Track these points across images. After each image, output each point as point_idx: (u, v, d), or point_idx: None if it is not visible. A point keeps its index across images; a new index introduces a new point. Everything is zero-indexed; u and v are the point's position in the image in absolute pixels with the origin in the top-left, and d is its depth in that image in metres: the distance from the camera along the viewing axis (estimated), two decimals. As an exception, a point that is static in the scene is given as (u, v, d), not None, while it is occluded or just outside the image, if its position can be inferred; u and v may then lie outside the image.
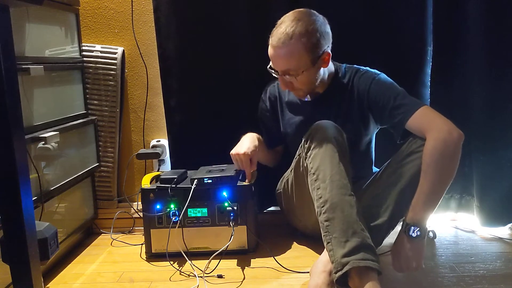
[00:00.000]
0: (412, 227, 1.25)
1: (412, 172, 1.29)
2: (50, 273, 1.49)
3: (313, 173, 1.31)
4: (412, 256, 1.26)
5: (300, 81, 1.44)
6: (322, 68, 1.46)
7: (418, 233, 1.25)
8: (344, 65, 1.56)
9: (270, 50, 1.43)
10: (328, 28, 1.45)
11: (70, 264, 1.57)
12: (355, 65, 1.55)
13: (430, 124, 1.30)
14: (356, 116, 1.50)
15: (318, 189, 1.28)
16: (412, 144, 1.33)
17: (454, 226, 1.78)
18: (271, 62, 1.46)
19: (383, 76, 1.47)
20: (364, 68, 1.52)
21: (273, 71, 1.47)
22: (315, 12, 1.45)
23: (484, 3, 1.58)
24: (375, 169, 1.60)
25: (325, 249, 1.27)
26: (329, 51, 1.44)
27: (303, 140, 1.39)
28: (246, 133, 1.70)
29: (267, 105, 1.68)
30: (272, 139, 1.71)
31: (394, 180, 1.33)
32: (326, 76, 1.51)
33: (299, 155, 1.47)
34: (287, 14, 1.43)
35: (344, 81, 1.52)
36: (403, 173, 1.31)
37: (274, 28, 1.42)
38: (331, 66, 1.53)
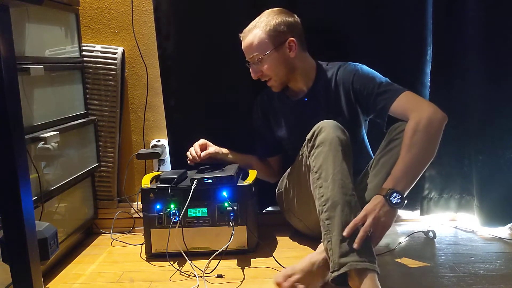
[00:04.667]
0: (395, 193, 1.24)
1: (393, 161, 1.31)
2: (50, 273, 1.49)
3: (316, 172, 1.31)
4: (383, 221, 1.23)
5: (267, 67, 1.51)
6: (291, 57, 1.51)
7: (399, 200, 1.24)
8: (327, 62, 1.59)
9: (242, 44, 1.55)
10: (297, 24, 1.54)
11: (70, 264, 1.57)
12: (338, 62, 1.57)
13: (414, 106, 1.33)
14: (344, 109, 1.52)
15: (320, 187, 1.28)
16: (392, 131, 1.37)
17: (454, 226, 1.78)
18: None
19: (365, 67, 1.51)
20: (346, 62, 1.55)
21: (247, 64, 1.55)
22: (288, 11, 1.54)
23: (484, 3, 1.58)
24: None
25: (319, 246, 1.28)
26: (294, 40, 1.50)
27: (306, 139, 1.39)
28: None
29: (259, 114, 1.71)
30: (266, 148, 1.74)
31: (378, 170, 1.35)
32: (306, 71, 1.55)
33: (301, 154, 1.47)
34: None
35: (328, 77, 1.54)
36: (384, 163, 1.34)
37: None
38: (311, 61, 1.58)
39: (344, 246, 1.18)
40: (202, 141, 1.68)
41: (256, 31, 1.50)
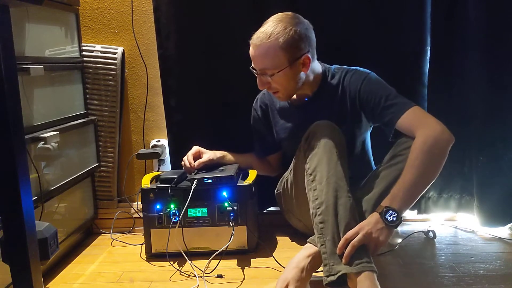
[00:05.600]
0: (390, 211, 1.21)
1: (392, 177, 1.29)
2: (50, 273, 1.49)
3: (310, 174, 1.31)
4: (375, 237, 1.20)
5: (277, 81, 1.43)
6: (302, 72, 1.44)
7: (394, 218, 1.21)
8: (333, 66, 1.55)
9: (250, 49, 1.44)
10: (311, 33, 1.44)
11: (70, 264, 1.57)
12: (344, 66, 1.54)
13: (422, 122, 1.30)
14: (349, 116, 1.49)
15: (314, 190, 1.28)
16: (398, 146, 1.34)
17: (454, 226, 1.78)
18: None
19: (373, 75, 1.47)
20: (354, 67, 1.51)
21: (254, 70, 1.47)
22: (300, 16, 1.45)
23: (483, 3, 1.58)
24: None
25: (304, 246, 1.29)
26: (310, 56, 1.43)
27: (302, 140, 1.39)
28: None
29: (259, 113, 1.69)
30: (265, 147, 1.73)
31: (376, 183, 1.34)
32: (312, 78, 1.49)
33: (298, 155, 1.47)
34: (272, 16, 1.44)
35: (334, 82, 1.51)
36: (383, 177, 1.32)
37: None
38: (318, 68, 1.52)
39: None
40: (194, 149, 1.63)
41: (270, 44, 1.38)
